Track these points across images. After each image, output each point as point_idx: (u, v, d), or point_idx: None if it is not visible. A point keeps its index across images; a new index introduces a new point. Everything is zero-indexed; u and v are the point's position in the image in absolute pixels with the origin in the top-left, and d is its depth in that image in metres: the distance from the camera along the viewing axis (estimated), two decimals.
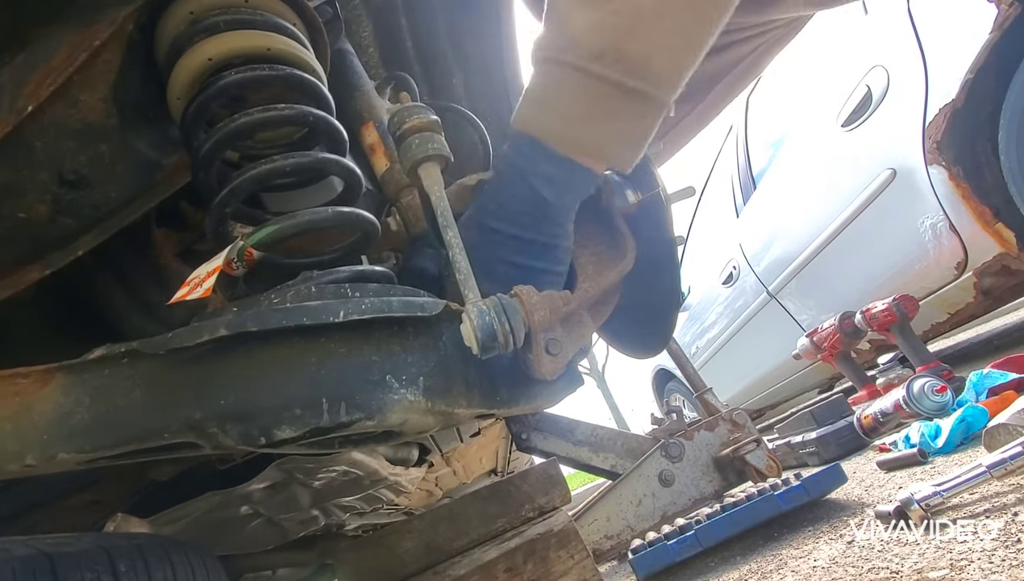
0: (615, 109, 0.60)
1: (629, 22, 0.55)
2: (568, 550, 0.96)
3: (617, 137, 0.62)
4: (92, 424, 0.55)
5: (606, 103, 0.59)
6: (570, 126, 0.62)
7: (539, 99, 0.63)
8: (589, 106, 0.60)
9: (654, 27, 0.55)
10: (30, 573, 0.50)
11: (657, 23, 0.55)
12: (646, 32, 0.56)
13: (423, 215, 0.84)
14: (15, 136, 0.61)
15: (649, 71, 0.57)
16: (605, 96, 0.59)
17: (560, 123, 0.62)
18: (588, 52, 0.56)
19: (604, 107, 0.60)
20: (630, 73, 0.57)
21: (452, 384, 0.63)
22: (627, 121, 0.61)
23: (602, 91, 0.58)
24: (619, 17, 0.55)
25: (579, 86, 0.59)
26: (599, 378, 11.27)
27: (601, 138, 0.62)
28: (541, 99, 0.63)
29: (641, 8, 0.55)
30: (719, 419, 1.64)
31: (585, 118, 0.61)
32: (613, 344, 1.08)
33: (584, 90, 0.59)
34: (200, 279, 0.60)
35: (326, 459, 1.54)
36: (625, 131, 0.62)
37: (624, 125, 0.61)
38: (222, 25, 0.66)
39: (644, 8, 0.55)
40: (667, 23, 0.55)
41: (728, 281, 3.37)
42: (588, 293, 0.74)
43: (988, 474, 0.86)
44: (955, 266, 1.89)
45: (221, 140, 0.66)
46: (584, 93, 0.59)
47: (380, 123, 0.90)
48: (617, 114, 0.60)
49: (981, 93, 1.65)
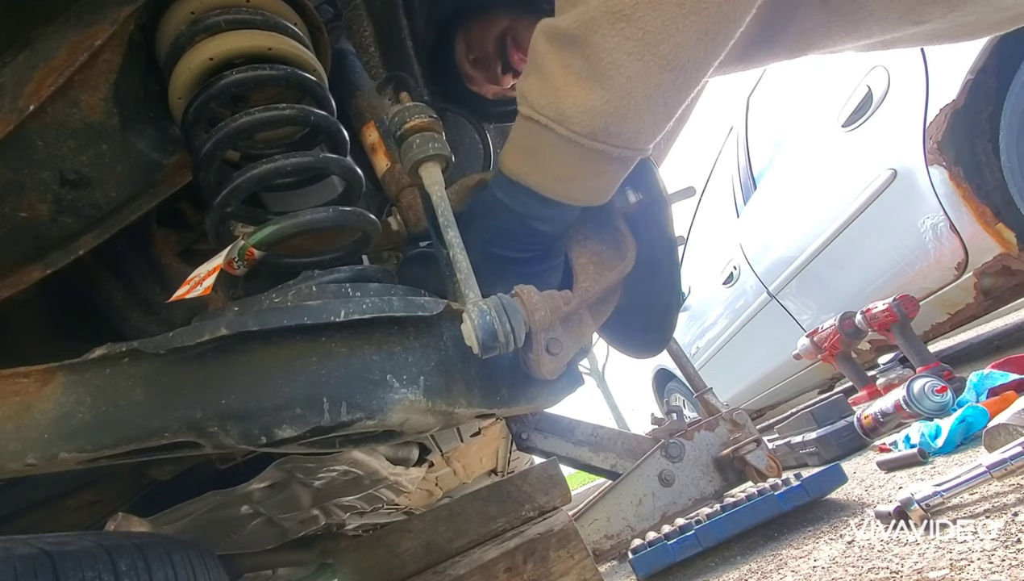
0: (603, 169, 0.64)
1: (622, 109, 0.57)
2: (568, 550, 0.96)
3: (601, 188, 0.67)
4: (93, 423, 0.55)
5: (594, 166, 0.63)
6: (560, 183, 0.66)
7: (529, 155, 0.65)
8: (579, 169, 0.63)
9: (643, 112, 0.58)
10: (31, 572, 0.50)
11: (647, 105, 0.58)
12: (636, 115, 0.58)
13: (424, 215, 0.84)
14: (16, 135, 0.61)
15: (636, 142, 0.61)
16: (593, 161, 0.62)
17: (551, 180, 0.66)
18: (579, 129, 0.59)
19: (592, 169, 0.63)
20: (619, 145, 0.60)
21: (453, 384, 0.63)
22: (611, 177, 0.66)
23: (590, 158, 0.61)
24: (613, 104, 0.57)
25: (568, 153, 0.61)
26: (599, 378, 11.27)
27: (587, 190, 0.67)
28: (531, 156, 0.65)
29: (632, 97, 0.57)
30: (719, 419, 1.65)
31: (574, 177, 0.65)
32: (613, 344, 1.07)
33: (573, 156, 0.62)
34: (200, 278, 0.61)
35: (327, 459, 1.54)
36: (609, 184, 0.67)
37: (608, 180, 0.66)
38: (223, 25, 0.67)
39: (635, 97, 0.57)
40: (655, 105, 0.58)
41: (728, 281, 3.37)
42: (588, 293, 0.74)
43: (988, 474, 0.86)
44: (955, 266, 1.89)
45: (222, 140, 0.66)
46: (573, 159, 0.62)
47: (381, 123, 0.90)
48: (603, 174, 0.64)
49: (982, 93, 1.65)
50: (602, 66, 0.56)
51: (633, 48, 0.55)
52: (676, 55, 0.55)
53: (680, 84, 0.57)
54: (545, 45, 0.60)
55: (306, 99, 0.76)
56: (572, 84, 0.58)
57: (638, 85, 0.56)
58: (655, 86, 0.56)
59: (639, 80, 0.56)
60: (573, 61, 0.58)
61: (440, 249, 0.76)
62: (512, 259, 0.72)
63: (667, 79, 0.56)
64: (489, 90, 1.07)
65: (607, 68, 0.56)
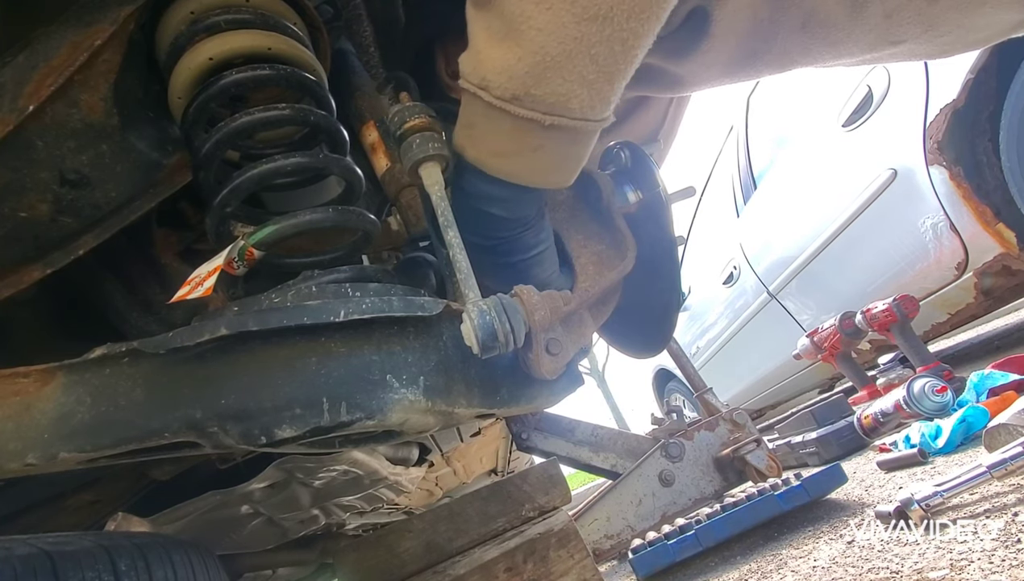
0: (539, 143, 0.59)
1: (539, 66, 0.53)
2: (568, 550, 0.96)
3: (546, 166, 0.62)
4: (93, 423, 0.55)
5: (528, 138, 0.58)
6: (498, 158, 0.62)
7: (467, 128, 0.63)
8: (513, 141, 0.59)
9: (565, 69, 0.53)
10: (31, 572, 0.50)
11: (567, 64, 0.53)
12: (557, 75, 0.53)
13: (423, 215, 0.84)
14: (16, 135, 0.61)
15: (567, 108, 0.56)
16: (526, 132, 0.58)
17: (488, 155, 0.62)
18: (502, 94, 0.55)
19: (527, 142, 0.59)
20: (547, 112, 0.55)
21: (452, 384, 0.63)
22: (553, 152, 0.61)
23: (522, 127, 0.57)
24: (527, 62, 0.53)
25: (499, 123, 0.58)
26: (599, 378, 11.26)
27: (530, 167, 0.62)
28: (469, 129, 0.62)
29: (547, 52, 0.52)
30: (719, 419, 1.65)
31: (511, 152, 0.61)
32: (613, 344, 1.07)
33: (504, 127, 0.58)
34: (201, 278, 0.61)
35: (326, 459, 1.54)
36: (553, 160, 0.62)
37: (551, 155, 0.61)
38: (223, 25, 0.67)
39: (551, 52, 0.52)
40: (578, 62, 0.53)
41: (728, 281, 3.37)
42: (588, 293, 0.74)
43: (988, 474, 0.86)
44: (955, 266, 1.89)
45: (222, 139, 0.66)
46: (505, 129, 0.58)
47: (381, 123, 0.90)
48: (542, 147, 0.59)
49: (982, 93, 1.65)
50: (514, 21, 0.52)
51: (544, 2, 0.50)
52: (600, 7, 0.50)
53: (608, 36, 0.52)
54: (471, 10, 0.57)
55: (306, 99, 0.76)
56: (491, 45, 0.55)
57: (552, 38, 0.52)
58: (574, 39, 0.51)
59: (553, 32, 0.51)
60: (492, 21, 0.55)
61: (440, 249, 0.76)
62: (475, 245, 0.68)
63: (588, 30, 0.51)
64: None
65: (518, 22, 0.52)
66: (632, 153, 0.88)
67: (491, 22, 0.55)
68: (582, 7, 0.50)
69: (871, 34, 0.72)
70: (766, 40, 0.73)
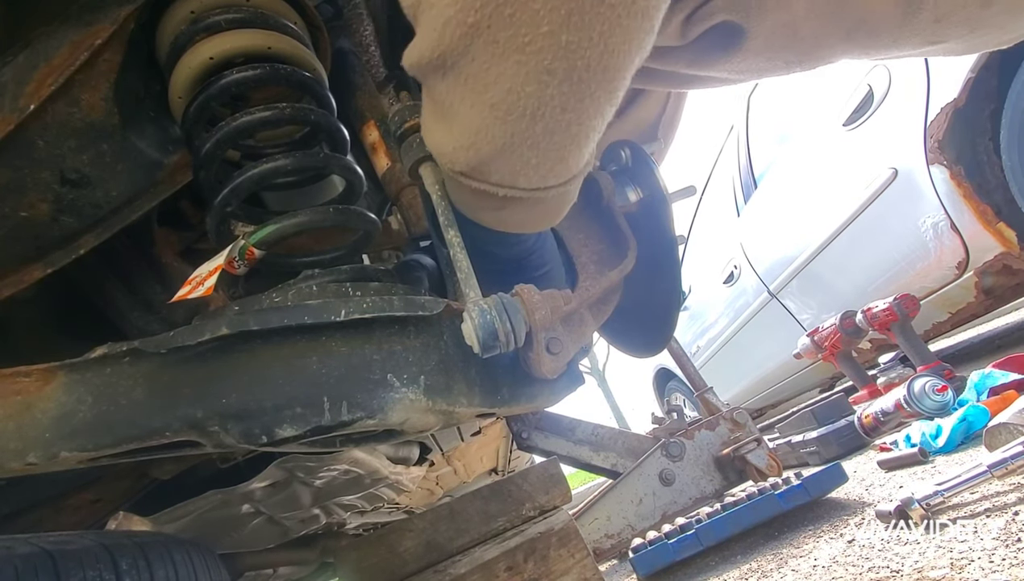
0: (500, 206, 0.57)
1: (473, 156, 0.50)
2: (569, 549, 0.96)
3: (518, 221, 0.60)
4: (94, 423, 0.55)
5: (489, 202, 0.56)
6: (472, 211, 0.61)
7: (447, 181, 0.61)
8: (477, 201, 0.58)
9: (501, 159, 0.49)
10: (32, 571, 0.50)
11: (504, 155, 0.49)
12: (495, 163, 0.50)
13: (424, 214, 0.84)
14: (17, 135, 0.61)
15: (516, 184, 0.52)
16: (484, 197, 0.55)
17: (464, 206, 0.61)
18: (450, 168, 0.53)
19: (489, 204, 0.57)
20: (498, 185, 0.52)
21: (453, 383, 0.63)
22: (519, 212, 0.58)
23: (479, 194, 0.55)
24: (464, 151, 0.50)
25: (455, 183, 0.56)
26: (600, 377, 11.26)
27: (502, 221, 0.61)
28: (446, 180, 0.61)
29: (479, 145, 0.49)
30: (720, 418, 1.65)
31: (477, 208, 0.60)
32: (614, 343, 1.08)
33: (461, 188, 0.56)
34: (202, 278, 0.61)
35: (327, 458, 1.55)
36: (524, 217, 0.60)
37: (519, 214, 0.59)
38: (223, 24, 0.67)
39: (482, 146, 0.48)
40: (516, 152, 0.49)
41: (729, 280, 3.37)
42: (589, 292, 0.74)
43: (989, 473, 0.86)
44: (956, 265, 1.88)
45: (222, 139, 0.66)
46: (466, 193, 0.57)
47: (381, 122, 0.90)
48: (505, 208, 0.57)
49: (983, 92, 1.65)
50: (444, 108, 0.50)
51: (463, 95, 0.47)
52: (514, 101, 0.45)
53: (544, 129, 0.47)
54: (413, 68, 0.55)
55: (306, 98, 0.76)
56: (432, 121, 0.53)
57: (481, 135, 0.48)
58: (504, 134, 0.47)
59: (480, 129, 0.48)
60: (426, 98, 0.53)
61: (440, 249, 0.76)
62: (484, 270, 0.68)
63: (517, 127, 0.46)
64: None
65: (447, 110, 0.50)
66: (633, 152, 0.88)
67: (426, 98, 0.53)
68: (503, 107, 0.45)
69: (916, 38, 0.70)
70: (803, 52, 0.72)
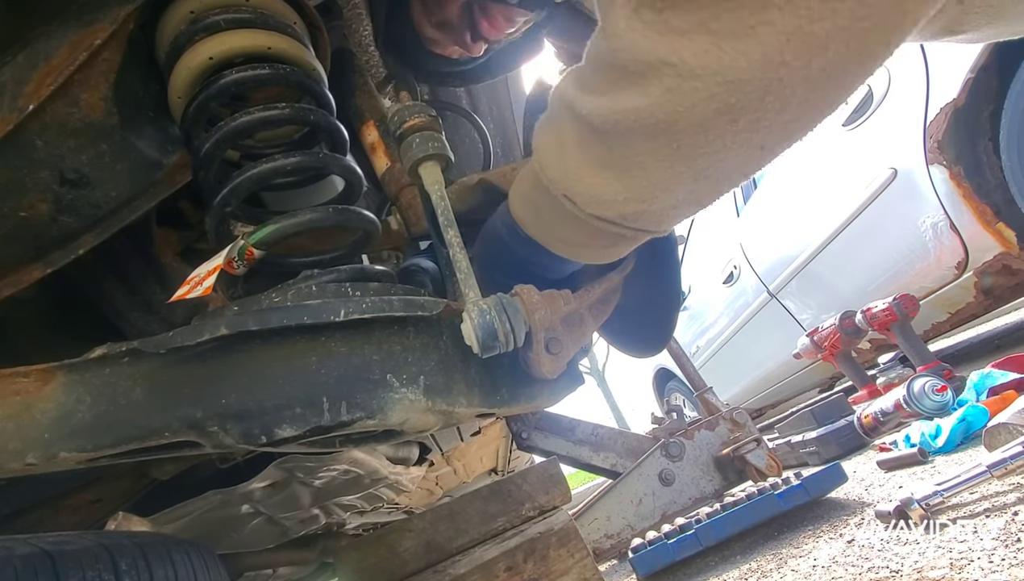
0: (615, 242, 0.58)
1: (642, 208, 0.51)
2: (568, 549, 0.96)
3: (614, 254, 0.63)
4: (93, 423, 0.55)
5: (606, 240, 0.58)
6: (564, 245, 0.61)
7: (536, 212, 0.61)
8: (588, 239, 0.58)
9: (670, 209, 0.51)
10: (32, 571, 0.50)
11: (674, 207, 0.51)
12: (659, 213, 0.52)
13: (424, 214, 0.84)
14: (16, 135, 0.61)
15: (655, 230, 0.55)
16: (604, 237, 0.56)
17: (556, 241, 0.62)
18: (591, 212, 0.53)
19: (600, 241, 0.58)
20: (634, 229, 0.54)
21: (453, 383, 0.63)
22: (625, 246, 0.61)
23: (601, 234, 0.56)
24: (632, 204, 0.50)
25: (576, 226, 0.56)
26: (599, 377, 11.26)
27: (597, 256, 0.63)
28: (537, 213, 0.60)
29: (657, 199, 0.50)
30: (719, 418, 1.65)
31: (583, 245, 0.60)
32: (613, 343, 1.07)
33: (581, 230, 0.56)
34: (201, 278, 0.61)
35: (327, 458, 1.55)
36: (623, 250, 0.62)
37: (622, 249, 0.62)
38: (223, 24, 0.67)
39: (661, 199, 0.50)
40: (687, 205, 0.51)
41: (728, 280, 3.37)
42: (589, 292, 0.74)
43: (988, 474, 0.86)
44: (956, 265, 1.89)
45: (222, 139, 0.66)
46: (582, 231, 0.57)
47: (380, 122, 0.90)
48: (615, 245, 0.59)
49: (982, 92, 1.65)
50: (625, 164, 0.49)
51: (666, 157, 0.47)
52: (719, 169, 0.47)
53: (721, 189, 0.50)
54: (564, 114, 0.52)
55: (306, 98, 0.76)
56: (589, 169, 0.51)
57: (665, 190, 0.49)
58: (687, 193, 0.49)
59: (667, 186, 0.49)
60: (592, 145, 0.50)
61: (440, 249, 0.76)
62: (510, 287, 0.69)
63: (704, 187, 0.49)
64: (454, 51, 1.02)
65: (631, 168, 0.49)
66: None
67: (592, 144, 0.50)
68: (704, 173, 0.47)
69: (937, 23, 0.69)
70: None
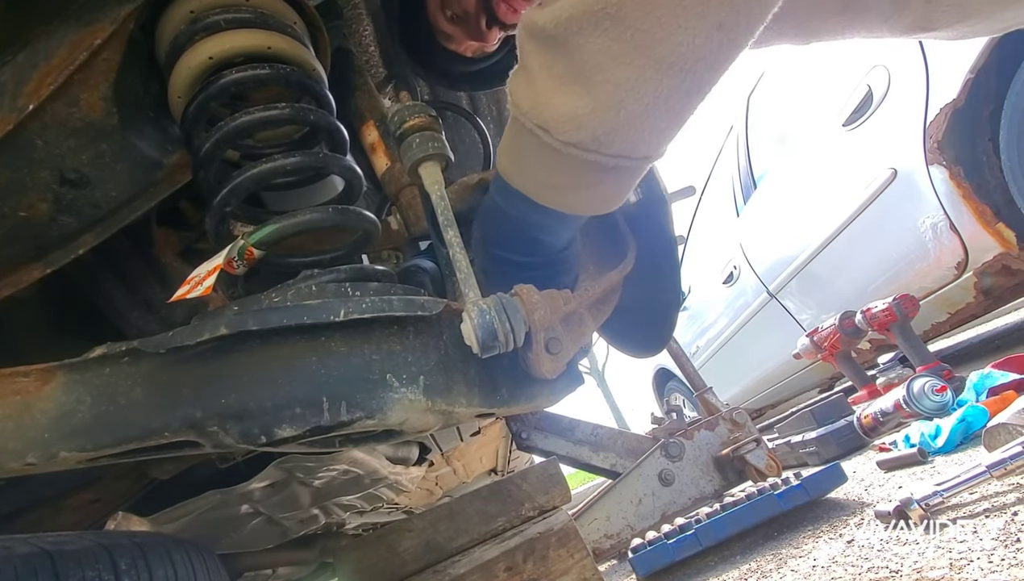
0: (598, 180, 0.57)
1: (612, 119, 0.49)
2: (568, 549, 0.96)
3: (600, 198, 0.61)
4: (93, 423, 0.55)
5: (587, 177, 0.56)
6: (550, 190, 0.60)
7: (517, 159, 0.60)
8: (570, 178, 0.57)
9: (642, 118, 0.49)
10: (31, 571, 0.50)
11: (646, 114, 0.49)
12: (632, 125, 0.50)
13: (424, 214, 0.84)
14: (16, 134, 0.61)
15: (634, 153, 0.53)
16: (585, 171, 0.55)
17: (539, 186, 0.60)
18: (564, 139, 0.52)
19: (585, 179, 0.57)
20: (611, 156, 0.53)
21: (452, 383, 0.63)
22: (611, 186, 0.59)
23: (580, 168, 0.55)
24: (600, 114, 0.49)
25: (554, 161, 0.55)
26: (599, 377, 11.27)
27: (584, 200, 0.61)
28: (520, 161, 0.60)
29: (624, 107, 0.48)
30: (719, 418, 1.65)
31: (564, 186, 0.59)
32: (613, 343, 1.08)
33: (560, 165, 0.55)
34: (200, 278, 0.61)
35: (326, 458, 1.54)
36: (609, 193, 0.60)
37: (608, 189, 0.59)
38: (223, 24, 0.67)
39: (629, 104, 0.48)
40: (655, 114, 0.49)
41: (728, 281, 3.37)
42: (589, 292, 0.74)
43: (988, 474, 0.86)
44: (955, 266, 1.89)
45: (222, 139, 0.66)
46: (561, 168, 0.56)
47: (380, 122, 0.90)
48: (600, 183, 0.58)
49: (982, 93, 1.65)
50: (586, 70, 0.49)
51: (621, 50, 0.46)
52: (680, 56, 0.46)
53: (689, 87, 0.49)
54: (527, 41, 0.53)
55: (306, 98, 0.76)
56: (554, 88, 0.51)
57: (630, 92, 0.48)
58: (654, 93, 0.48)
59: (631, 87, 0.48)
60: (555, 62, 0.50)
61: (440, 249, 0.76)
62: (516, 263, 0.68)
63: (670, 84, 0.48)
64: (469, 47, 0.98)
65: (591, 73, 0.48)
66: None
67: (554, 62, 0.50)
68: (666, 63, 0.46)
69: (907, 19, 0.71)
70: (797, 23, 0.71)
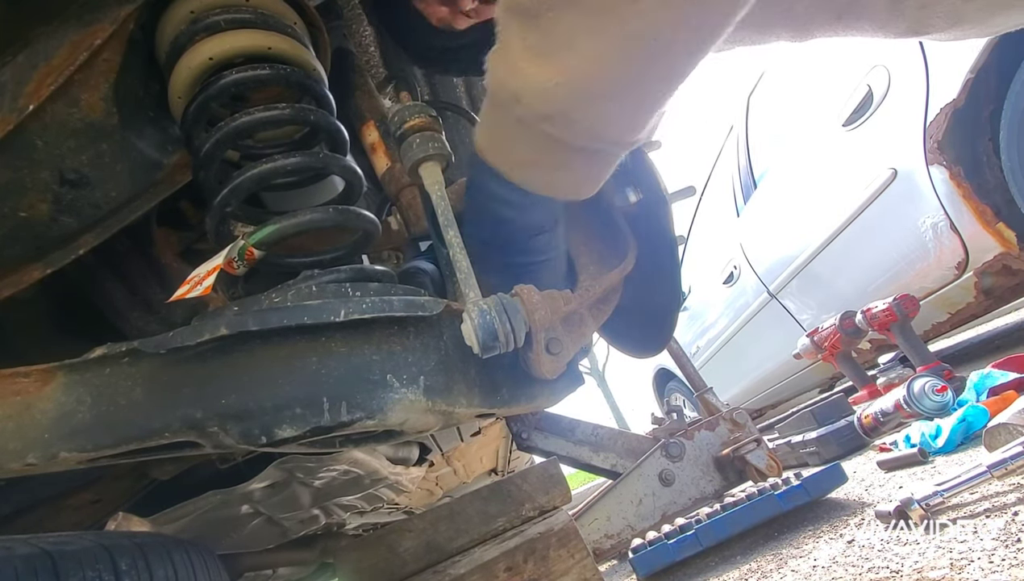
0: (564, 161, 0.56)
1: (579, 94, 0.49)
2: (568, 549, 0.96)
3: (570, 181, 0.60)
4: (93, 423, 0.55)
5: (556, 156, 0.56)
6: (521, 168, 0.60)
7: (491, 132, 0.60)
8: (539, 155, 0.57)
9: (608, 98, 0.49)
10: (32, 571, 0.50)
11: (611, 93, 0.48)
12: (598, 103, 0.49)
13: (424, 214, 0.84)
14: (16, 135, 0.61)
15: (602, 134, 0.53)
16: (554, 150, 0.55)
17: (508, 164, 0.60)
18: (534, 112, 0.51)
19: (554, 159, 0.56)
20: (580, 136, 0.52)
21: (453, 383, 0.63)
22: (579, 170, 0.58)
23: (551, 146, 0.54)
24: (567, 88, 0.48)
25: (527, 136, 0.55)
26: (599, 377, 11.26)
27: (553, 181, 0.60)
28: (491, 135, 0.60)
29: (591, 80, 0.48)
30: (719, 419, 1.65)
31: (533, 164, 0.58)
32: (613, 344, 1.08)
33: (530, 142, 0.55)
34: (200, 278, 0.61)
35: (327, 458, 1.54)
36: (578, 177, 0.60)
37: (577, 172, 0.59)
38: (223, 24, 0.67)
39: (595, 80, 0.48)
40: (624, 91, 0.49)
41: (728, 281, 3.37)
42: (589, 293, 0.74)
43: (988, 474, 0.86)
44: (956, 266, 1.88)
45: (222, 139, 0.66)
46: (530, 145, 0.56)
47: (381, 122, 0.90)
48: (568, 164, 0.57)
49: (982, 93, 1.65)
50: (558, 42, 0.48)
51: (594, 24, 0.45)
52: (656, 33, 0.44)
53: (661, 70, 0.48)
54: (504, 14, 0.52)
55: (306, 98, 0.76)
56: (528, 59, 0.50)
57: (601, 68, 0.47)
58: (624, 70, 0.47)
59: (603, 63, 0.47)
60: (528, 33, 0.50)
61: (440, 249, 0.76)
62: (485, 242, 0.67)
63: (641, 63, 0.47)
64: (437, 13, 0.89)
65: (562, 44, 0.47)
66: (632, 152, 0.88)
67: (528, 34, 0.50)
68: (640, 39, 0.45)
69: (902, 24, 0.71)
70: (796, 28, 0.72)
